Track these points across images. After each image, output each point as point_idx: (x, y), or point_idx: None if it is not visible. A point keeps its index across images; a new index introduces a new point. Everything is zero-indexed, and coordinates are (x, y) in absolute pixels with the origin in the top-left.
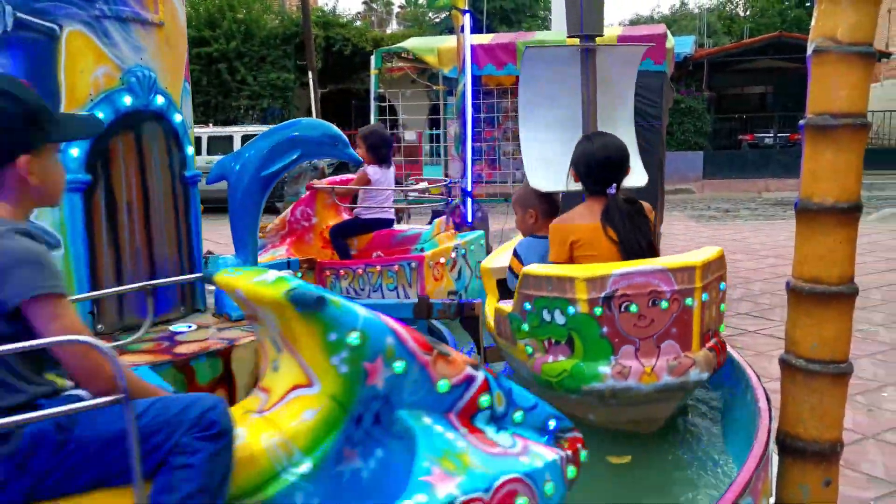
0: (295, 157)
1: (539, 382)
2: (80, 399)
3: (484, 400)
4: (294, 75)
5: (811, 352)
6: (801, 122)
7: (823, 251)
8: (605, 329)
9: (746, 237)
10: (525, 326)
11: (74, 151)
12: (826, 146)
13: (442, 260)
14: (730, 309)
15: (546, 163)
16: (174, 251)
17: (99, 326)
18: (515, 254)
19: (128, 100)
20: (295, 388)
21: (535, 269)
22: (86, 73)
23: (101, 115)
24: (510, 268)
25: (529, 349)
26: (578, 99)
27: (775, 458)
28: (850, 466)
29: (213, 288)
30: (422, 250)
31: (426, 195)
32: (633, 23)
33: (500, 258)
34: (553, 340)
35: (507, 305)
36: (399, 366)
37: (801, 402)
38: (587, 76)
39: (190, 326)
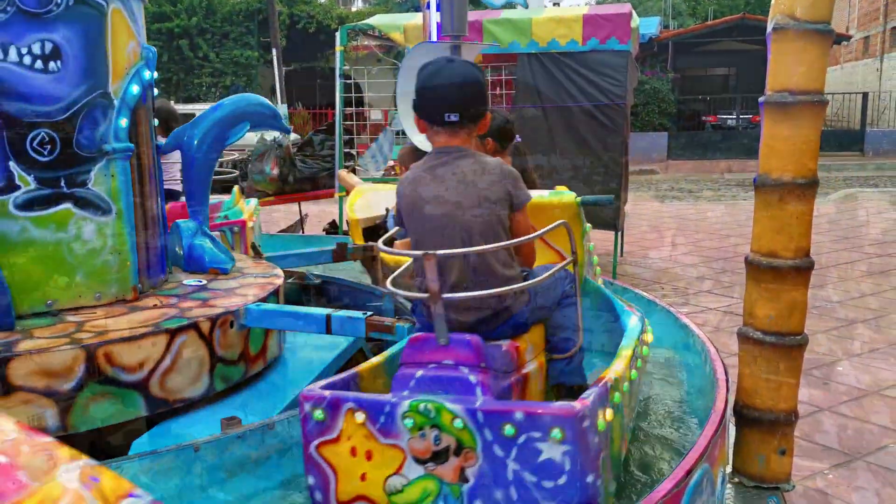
0: (247, 128)
1: None
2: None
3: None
4: (258, 53)
5: (768, 324)
6: (761, 99)
7: (780, 226)
8: None
9: (709, 217)
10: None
11: (123, 122)
12: (784, 123)
13: (251, 224)
14: (691, 287)
15: None
16: (161, 214)
17: (139, 285)
18: None
19: (147, 73)
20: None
21: None
22: (123, 48)
23: (135, 88)
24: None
25: None
26: None
27: (733, 429)
28: (804, 437)
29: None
30: (226, 217)
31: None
32: (599, 2)
33: (361, 212)
34: None
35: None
36: (591, 245)
37: (758, 373)
38: None
39: (200, 282)
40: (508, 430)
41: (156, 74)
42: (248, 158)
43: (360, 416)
